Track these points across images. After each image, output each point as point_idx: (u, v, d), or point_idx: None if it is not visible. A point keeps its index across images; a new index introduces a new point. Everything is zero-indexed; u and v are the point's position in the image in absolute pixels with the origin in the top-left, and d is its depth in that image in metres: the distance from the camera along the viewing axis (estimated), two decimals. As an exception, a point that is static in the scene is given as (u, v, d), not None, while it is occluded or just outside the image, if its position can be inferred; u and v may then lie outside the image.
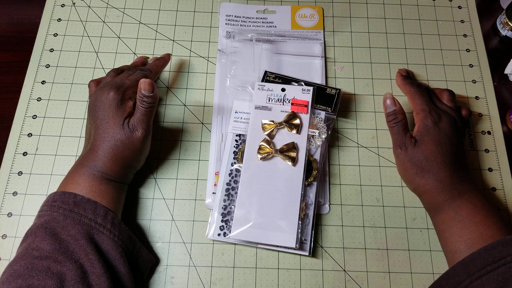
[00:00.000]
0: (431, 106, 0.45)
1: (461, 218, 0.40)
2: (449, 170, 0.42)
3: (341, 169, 0.50)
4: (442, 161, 0.42)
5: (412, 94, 0.47)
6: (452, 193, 0.41)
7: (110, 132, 0.42)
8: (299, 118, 0.47)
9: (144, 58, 0.54)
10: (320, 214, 0.47)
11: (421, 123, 0.44)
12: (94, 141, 0.42)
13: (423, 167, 0.43)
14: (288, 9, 0.58)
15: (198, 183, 0.49)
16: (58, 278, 0.35)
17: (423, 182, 0.43)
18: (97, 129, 0.43)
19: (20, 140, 0.50)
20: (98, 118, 0.43)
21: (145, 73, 0.47)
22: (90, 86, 0.49)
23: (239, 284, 0.44)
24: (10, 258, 0.44)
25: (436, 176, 0.42)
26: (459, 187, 0.42)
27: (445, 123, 0.44)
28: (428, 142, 0.43)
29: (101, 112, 0.43)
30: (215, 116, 0.51)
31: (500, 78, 0.56)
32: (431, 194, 0.43)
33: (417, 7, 0.59)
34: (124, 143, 0.42)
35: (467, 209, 0.40)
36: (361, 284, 0.45)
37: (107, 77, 0.48)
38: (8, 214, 0.46)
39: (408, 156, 0.43)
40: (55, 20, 0.57)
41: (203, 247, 0.46)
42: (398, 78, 0.50)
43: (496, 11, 0.61)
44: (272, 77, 0.51)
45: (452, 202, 0.41)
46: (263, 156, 0.45)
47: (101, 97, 0.43)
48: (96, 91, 0.45)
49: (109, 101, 0.43)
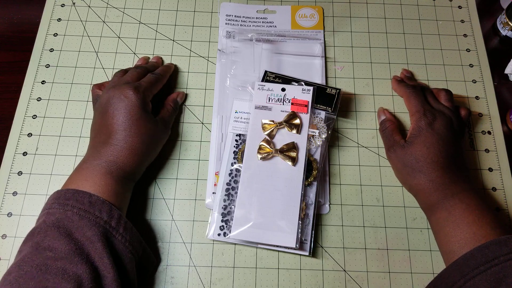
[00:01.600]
0: (426, 106, 0.46)
1: (454, 218, 0.40)
2: (441, 170, 0.42)
3: (341, 169, 0.50)
4: (432, 161, 0.42)
5: (407, 95, 0.48)
6: (445, 193, 0.41)
7: (142, 128, 0.43)
8: (299, 118, 0.47)
9: (146, 58, 0.54)
10: (320, 214, 0.47)
11: (415, 124, 0.45)
12: (116, 136, 0.42)
13: (413, 167, 0.43)
14: (288, 9, 0.58)
15: (198, 183, 0.49)
16: (75, 281, 0.33)
17: (415, 182, 0.43)
18: (120, 125, 0.42)
19: (20, 140, 0.50)
20: (119, 115, 0.42)
21: (157, 77, 0.48)
22: (94, 90, 0.48)
23: (239, 284, 0.44)
24: (10, 258, 0.44)
25: (428, 176, 0.42)
26: (452, 187, 0.42)
27: (440, 124, 0.44)
28: (418, 143, 0.43)
29: (124, 110, 0.42)
30: (215, 116, 0.51)
31: (500, 78, 0.56)
32: (425, 194, 0.43)
33: (417, 7, 0.59)
34: (159, 138, 0.46)
35: (459, 209, 0.40)
36: (361, 284, 0.45)
37: (115, 77, 0.48)
38: (8, 214, 0.46)
39: (398, 157, 0.45)
40: (55, 20, 0.57)
41: (203, 247, 0.46)
42: (393, 82, 0.52)
43: (496, 11, 0.61)
44: (272, 77, 0.51)
45: (445, 202, 0.41)
46: (263, 156, 0.45)
47: (120, 95, 0.43)
48: (109, 90, 0.44)
49: (132, 100, 0.43)
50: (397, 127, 0.48)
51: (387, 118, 0.50)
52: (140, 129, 0.43)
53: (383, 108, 0.51)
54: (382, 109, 0.51)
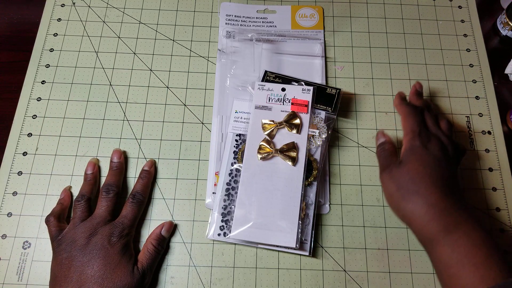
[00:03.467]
0: (422, 128, 0.43)
1: (460, 257, 0.35)
2: (441, 193, 0.38)
3: (341, 169, 0.50)
4: (431, 182, 0.38)
5: (405, 113, 0.45)
6: (446, 222, 0.37)
7: (116, 281, 0.39)
8: (299, 118, 0.47)
9: (95, 163, 0.48)
10: (320, 214, 0.47)
11: (408, 143, 0.42)
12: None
13: (409, 189, 0.39)
14: (288, 9, 0.58)
15: (198, 183, 0.49)
16: None
17: (411, 206, 0.38)
18: (91, 279, 0.39)
19: (20, 140, 0.50)
20: (93, 265, 0.39)
21: (139, 203, 0.44)
22: (50, 223, 0.43)
23: (239, 284, 0.44)
24: (10, 258, 0.44)
25: (425, 199, 0.37)
26: (454, 216, 0.37)
27: (434, 146, 0.41)
28: (413, 161, 0.40)
29: (100, 259, 0.39)
30: (215, 116, 0.51)
31: (500, 78, 0.56)
32: (422, 222, 0.38)
33: (417, 7, 0.59)
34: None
35: (465, 247, 0.35)
36: (361, 284, 0.45)
37: (78, 209, 0.43)
38: (8, 214, 0.46)
39: (393, 178, 0.40)
40: (55, 20, 0.57)
41: (203, 247, 0.46)
42: (396, 99, 0.48)
43: (496, 11, 0.61)
44: (272, 77, 0.51)
45: (448, 235, 0.36)
46: (263, 156, 0.45)
47: (96, 241, 0.40)
48: (79, 232, 0.41)
49: (111, 245, 0.40)
50: (395, 150, 0.45)
51: (386, 140, 0.45)
52: (114, 283, 0.39)
53: (383, 131, 0.47)
54: (382, 132, 0.46)
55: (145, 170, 0.47)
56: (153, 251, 0.43)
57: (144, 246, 0.43)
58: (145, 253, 0.42)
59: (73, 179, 0.48)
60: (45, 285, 0.43)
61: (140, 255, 0.43)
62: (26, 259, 0.45)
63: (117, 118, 0.51)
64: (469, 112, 0.53)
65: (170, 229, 0.45)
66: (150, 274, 0.42)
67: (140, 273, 0.41)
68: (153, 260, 0.43)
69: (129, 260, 0.41)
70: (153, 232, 0.44)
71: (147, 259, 0.42)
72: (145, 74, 0.54)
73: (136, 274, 0.40)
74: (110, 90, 0.53)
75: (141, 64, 0.55)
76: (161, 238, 0.44)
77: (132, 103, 0.52)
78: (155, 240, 0.44)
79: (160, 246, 0.44)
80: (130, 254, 0.42)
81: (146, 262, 0.42)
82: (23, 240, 0.45)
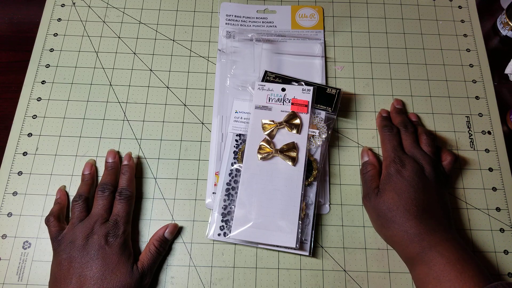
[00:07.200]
0: (397, 153, 0.45)
1: (436, 274, 0.38)
2: (414, 220, 0.40)
3: (341, 169, 0.50)
4: (405, 210, 0.41)
5: (382, 139, 0.48)
6: (422, 246, 0.40)
7: (115, 282, 0.39)
8: (299, 118, 0.47)
9: (92, 164, 0.48)
10: (320, 214, 0.47)
11: (385, 171, 0.44)
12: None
13: (387, 218, 0.42)
14: (288, 9, 0.58)
15: (198, 183, 0.49)
16: None
17: (390, 233, 0.42)
18: (90, 280, 0.39)
19: (20, 140, 0.50)
20: (92, 266, 0.39)
21: (128, 198, 0.44)
22: (50, 223, 0.43)
23: (239, 284, 0.44)
24: (10, 258, 0.44)
25: (401, 227, 0.41)
26: (429, 238, 0.40)
27: (409, 171, 0.43)
28: (389, 191, 0.42)
29: (99, 260, 0.39)
30: (215, 116, 0.51)
31: (500, 78, 0.56)
32: (401, 246, 0.41)
33: (417, 7, 0.59)
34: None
35: (440, 264, 0.38)
36: (361, 284, 0.45)
37: (76, 209, 0.43)
38: (8, 214, 0.46)
39: (372, 207, 0.43)
40: (55, 20, 0.57)
41: (203, 247, 0.46)
42: (377, 119, 0.51)
43: (496, 11, 0.61)
44: (272, 77, 0.51)
45: (424, 256, 0.39)
46: (263, 156, 0.45)
47: (94, 241, 0.40)
48: (77, 233, 0.41)
49: (109, 245, 0.40)
50: (377, 173, 0.46)
51: (369, 161, 0.47)
52: (113, 283, 0.39)
53: (368, 148, 0.49)
54: (366, 149, 0.49)
55: (125, 164, 0.47)
56: (155, 252, 0.43)
57: (146, 246, 0.44)
58: (146, 253, 0.43)
59: (73, 179, 0.48)
60: (45, 285, 0.43)
61: (142, 255, 0.43)
62: (26, 259, 0.45)
63: (117, 118, 0.51)
64: (469, 112, 0.53)
65: (173, 231, 0.45)
66: (150, 275, 0.42)
67: (139, 273, 0.41)
68: (154, 260, 0.43)
69: (128, 259, 0.41)
70: (156, 233, 0.45)
71: (148, 259, 0.42)
72: (145, 74, 0.54)
73: (136, 273, 0.41)
74: (110, 90, 0.53)
75: (141, 64, 0.55)
76: (163, 240, 0.44)
77: (132, 103, 0.52)
78: (157, 241, 0.44)
79: (162, 247, 0.44)
80: (128, 252, 0.42)
81: (147, 263, 0.42)
82: (23, 240, 0.45)
